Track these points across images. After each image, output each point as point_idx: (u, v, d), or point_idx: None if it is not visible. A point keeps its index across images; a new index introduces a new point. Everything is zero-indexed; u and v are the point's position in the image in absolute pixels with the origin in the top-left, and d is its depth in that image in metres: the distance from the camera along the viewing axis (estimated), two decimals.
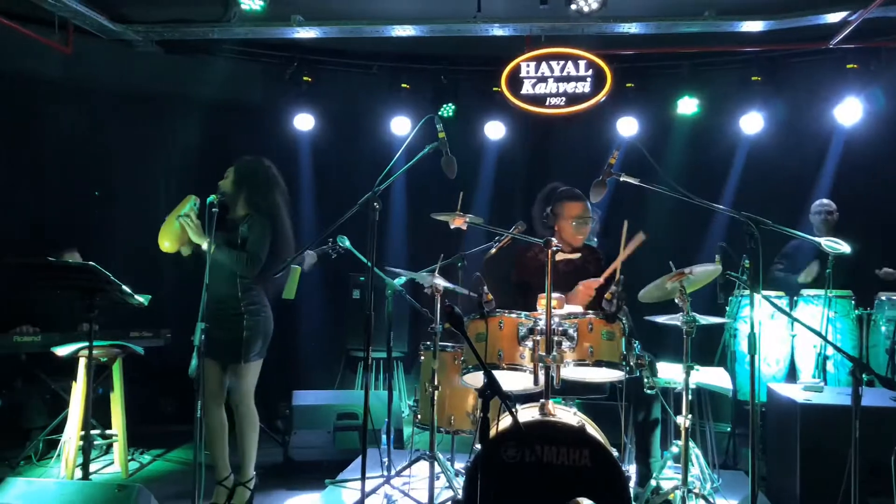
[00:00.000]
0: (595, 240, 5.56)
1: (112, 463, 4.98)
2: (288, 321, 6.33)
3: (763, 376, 5.29)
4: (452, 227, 3.73)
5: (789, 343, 5.39)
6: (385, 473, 4.09)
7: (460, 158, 6.98)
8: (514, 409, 2.62)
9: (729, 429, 5.28)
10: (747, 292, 5.05)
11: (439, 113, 6.65)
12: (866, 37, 5.65)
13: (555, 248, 3.21)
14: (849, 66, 5.82)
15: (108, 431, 4.89)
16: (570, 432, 2.95)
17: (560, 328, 3.20)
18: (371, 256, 3.29)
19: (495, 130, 6.74)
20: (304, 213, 6.62)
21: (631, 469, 3.90)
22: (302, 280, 6.08)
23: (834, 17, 5.11)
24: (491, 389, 2.59)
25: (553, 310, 3.26)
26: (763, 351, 5.35)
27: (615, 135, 6.40)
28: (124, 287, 3.67)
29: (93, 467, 4.95)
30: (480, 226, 3.75)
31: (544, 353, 3.15)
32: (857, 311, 5.21)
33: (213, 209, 3.62)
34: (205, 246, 3.76)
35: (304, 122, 6.67)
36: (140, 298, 3.87)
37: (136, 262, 6.11)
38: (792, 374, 5.40)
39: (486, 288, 3.34)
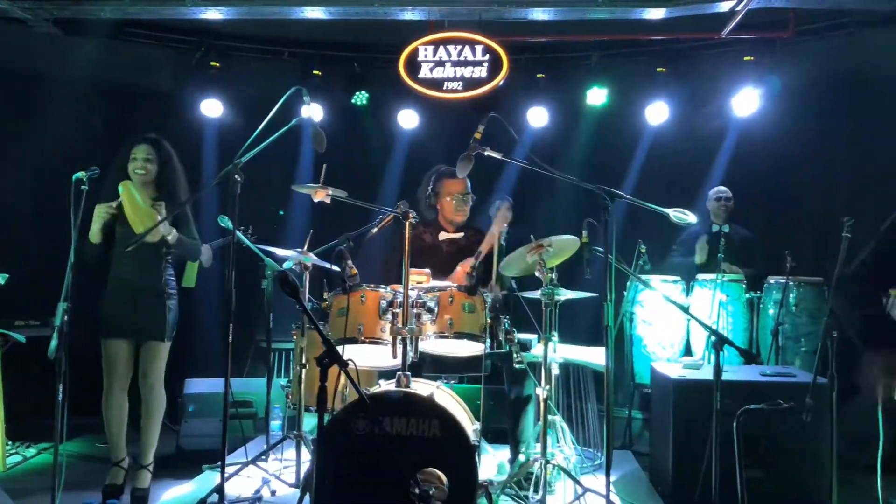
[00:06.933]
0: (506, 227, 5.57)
1: None
2: (194, 310, 6.17)
3: (657, 359, 5.36)
4: (316, 200, 3.68)
5: (684, 327, 5.46)
6: (263, 458, 4.02)
7: (374, 146, 7.06)
8: (354, 379, 2.58)
9: (626, 413, 5.39)
10: (643, 276, 5.14)
11: (352, 101, 6.61)
12: (763, 28, 5.77)
13: (413, 220, 3.18)
14: (746, 58, 5.94)
15: None
16: (420, 403, 2.92)
17: (420, 301, 3.18)
18: (234, 228, 3.32)
19: (409, 119, 6.69)
20: (209, 202, 6.44)
21: None
22: (210, 270, 5.94)
23: (726, 6, 5.18)
24: (329, 358, 2.55)
25: (420, 284, 3.24)
26: (657, 335, 5.42)
27: (525, 125, 6.41)
28: None
29: None
30: (346, 200, 3.71)
31: (402, 326, 3.12)
32: (747, 295, 5.31)
33: (83, 187, 3.51)
34: (171, 237, 3.84)
35: (211, 108, 6.49)
36: None
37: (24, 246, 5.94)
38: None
39: (349, 262, 3.29)
